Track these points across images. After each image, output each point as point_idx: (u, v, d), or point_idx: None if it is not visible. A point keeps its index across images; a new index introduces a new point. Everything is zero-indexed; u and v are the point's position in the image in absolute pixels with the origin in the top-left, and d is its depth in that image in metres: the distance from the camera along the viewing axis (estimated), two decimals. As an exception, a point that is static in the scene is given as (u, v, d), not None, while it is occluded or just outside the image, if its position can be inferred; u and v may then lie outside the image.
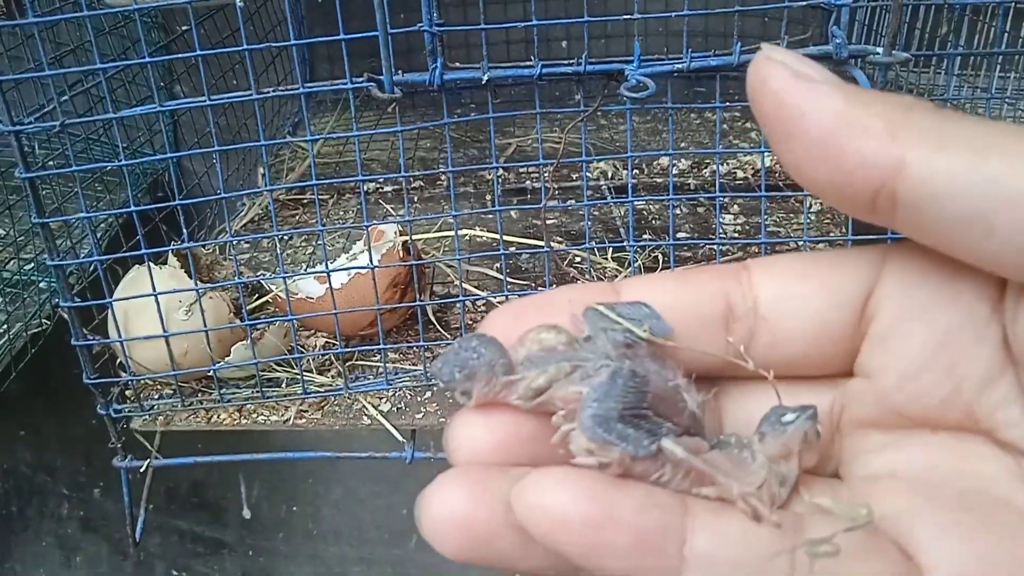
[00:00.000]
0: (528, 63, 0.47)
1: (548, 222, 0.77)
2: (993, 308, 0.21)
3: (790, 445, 0.21)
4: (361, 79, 0.46)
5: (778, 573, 0.19)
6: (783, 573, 0.19)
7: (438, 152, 0.89)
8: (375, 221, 0.55)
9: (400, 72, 0.46)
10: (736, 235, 0.73)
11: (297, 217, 0.78)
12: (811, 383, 0.23)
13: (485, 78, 0.46)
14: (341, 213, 0.79)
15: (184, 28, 0.69)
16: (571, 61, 0.47)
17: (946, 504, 0.20)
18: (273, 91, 0.48)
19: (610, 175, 0.83)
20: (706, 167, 0.85)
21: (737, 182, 0.82)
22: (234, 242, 0.50)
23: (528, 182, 0.82)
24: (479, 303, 0.65)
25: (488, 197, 0.80)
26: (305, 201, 0.80)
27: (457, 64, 0.47)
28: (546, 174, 0.58)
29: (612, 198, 0.76)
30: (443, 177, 0.84)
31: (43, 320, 0.79)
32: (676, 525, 0.20)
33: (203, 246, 0.61)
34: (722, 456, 0.21)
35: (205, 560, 1.30)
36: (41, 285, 0.82)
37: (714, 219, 0.77)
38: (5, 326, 0.76)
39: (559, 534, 0.19)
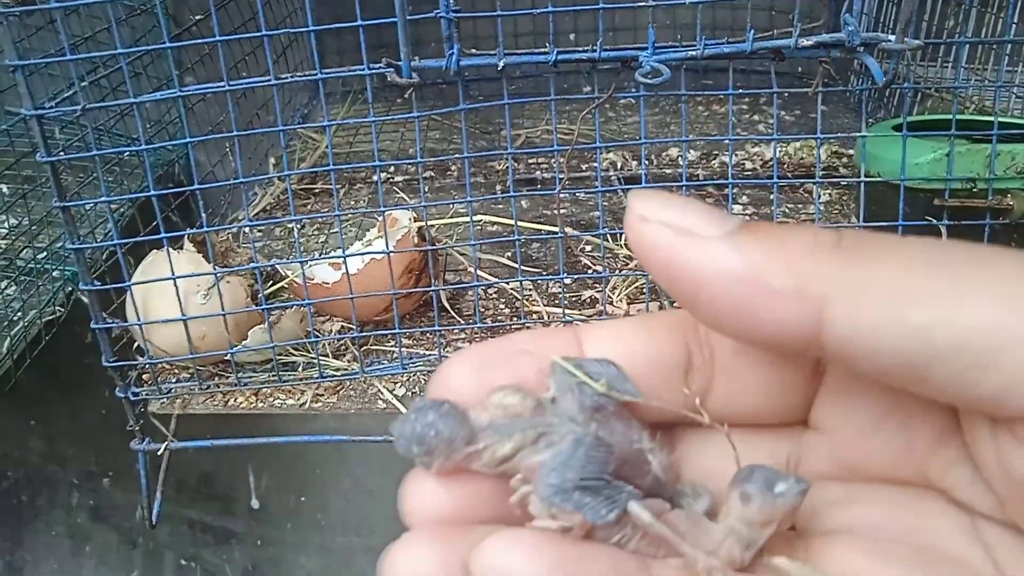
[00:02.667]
0: (542, 50, 0.48)
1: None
2: None
3: (775, 515, 0.21)
4: (379, 65, 0.46)
5: None
6: None
7: (447, 143, 0.90)
8: (390, 207, 0.56)
9: (417, 59, 0.47)
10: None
11: (309, 206, 0.79)
12: (768, 433, 0.23)
13: (501, 64, 0.47)
14: (352, 202, 0.79)
15: (198, 17, 0.70)
16: (585, 49, 0.48)
17: (901, 563, 0.20)
18: (291, 76, 0.48)
19: (619, 166, 0.83)
20: (715, 158, 0.85)
21: (746, 173, 0.83)
22: (251, 227, 0.50)
23: (538, 172, 0.82)
24: (491, 290, 0.65)
25: (498, 187, 0.81)
26: (317, 191, 0.81)
27: (473, 51, 0.48)
28: (560, 161, 0.58)
29: (623, 187, 0.77)
30: (453, 168, 0.84)
31: (56, 308, 0.80)
32: None
33: (218, 232, 0.62)
34: (681, 517, 0.21)
35: (214, 550, 1.30)
36: (55, 273, 0.83)
37: (725, 209, 0.77)
38: (20, 313, 0.77)
39: None
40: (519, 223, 0.59)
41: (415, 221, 0.57)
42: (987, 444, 0.19)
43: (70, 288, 0.82)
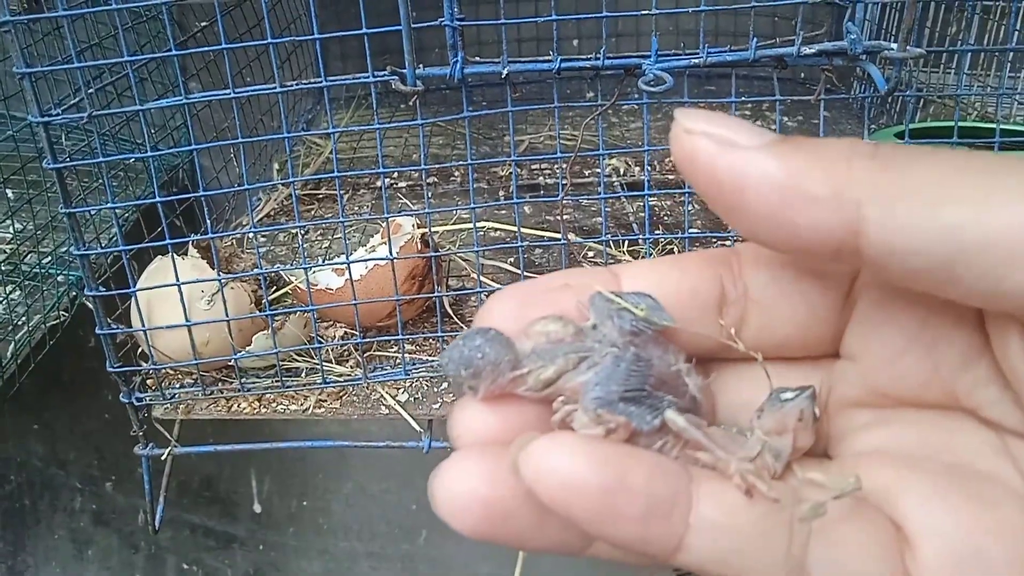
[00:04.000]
0: (546, 58, 0.48)
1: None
2: None
3: (786, 421, 0.22)
4: (383, 72, 0.46)
5: (777, 538, 0.20)
6: (782, 538, 0.20)
7: (451, 149, 0.90)
8: (394, 213, 0.56)
9: (421, 66, 0.47)
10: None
11: (312, 212, 0.79)
12: (800, 364, 0.24)
13: (505, 72, 0.47)
14: (356, 208, 0.80)
15: (203, 23, 0.70)
16: (589, 56, 0.48)
17: (932, 476, 0.21)
18: (296, 83, 0.48)
19: (622, 171, 0.83)
20: (717, 164, 0.86)
21: (748, 179, 0.83)
22: (255, 233, 0.50)
23: (541, 178, 0.83)
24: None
25: (501, 193, 0.81)
26: (320, 196, 0.81)
27: (477, 59, 0.48)
28: (564, 167, 0.58)
29: (625, 193, 0.77)
30: (456, 173, 0.85)
31: (61, 312, 0.80)
32: (684, 493, 0.20)
33: (221, 238, 0.62)
34: (719, 431, 0.22)
35: (216, 554, 1.31)
36: (59, 279, 0.83)
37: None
38: (24, 318, 0.77)
39: (572, 499, 0.19)
40: (522, 229, 0.59)
41: (418, 227, 0.57)
42: (1017, 351, 0.20)
43: (74, 293, 0.82)
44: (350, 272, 0.51)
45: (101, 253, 0.50)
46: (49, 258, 0.84)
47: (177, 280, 0.50)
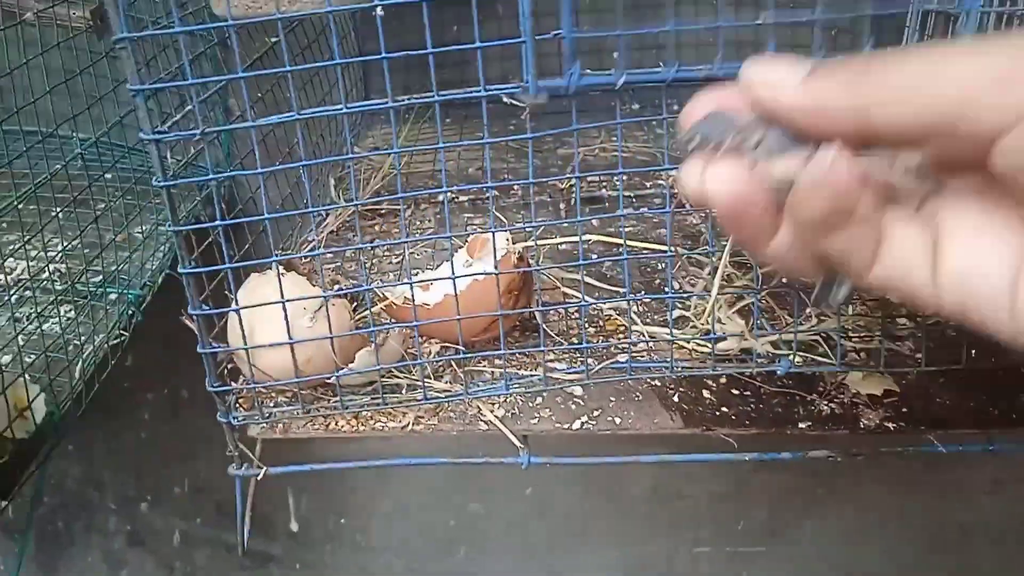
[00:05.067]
0: (658, 69, 0.48)
1: (624, 231, 0.77)
2: None
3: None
4: (501, 85, 0.46)
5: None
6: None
7: (504, 164, 0.90)
8: (499, 227, 0.55)
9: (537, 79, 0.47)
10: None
11: (377, 228, 0.79)
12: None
13: (620, 82, 0.47)
14: (419, 223, 0.79)
15: (274, 39, 0.69)
16: (702, 67, 0.48)
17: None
18: (408, 99, 0.48)
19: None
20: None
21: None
22: (364, 249, 0.50)
23: (603, 190, 0.83)
24: (572, 310, 0.65)
25: (562, 205, 0.81)
26: (383, 211, 0.81)
27: (588, 71, 0.48)
28: (670, 178, 0.58)
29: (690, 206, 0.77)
30: (516, 187, 0.84)
31: (120, 332, 0.79)
32: None
33: (302, 258, 0.61)
34: None
35: (252, 574, 1.29)
36: (112, 298, 0.82)
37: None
38: (84, 338, 0.76)
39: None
40: (612, 240, 0.59)
41: (511, 242, 0.56)
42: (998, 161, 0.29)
43: (131, 312, 0.81)
44: (455, 287, 0.51)
45: (206, 272, 0.49)
46: (100, 277, 0.83)
47: (282, 297, 0.49)
